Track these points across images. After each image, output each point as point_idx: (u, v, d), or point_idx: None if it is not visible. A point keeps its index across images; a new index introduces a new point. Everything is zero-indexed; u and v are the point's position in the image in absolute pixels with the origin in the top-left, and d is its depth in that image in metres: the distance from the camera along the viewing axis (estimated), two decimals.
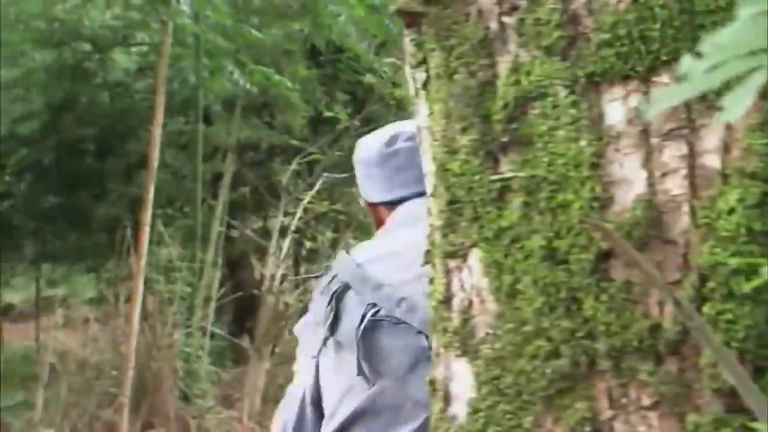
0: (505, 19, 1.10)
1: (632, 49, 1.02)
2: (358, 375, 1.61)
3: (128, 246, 6.71)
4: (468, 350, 1.14)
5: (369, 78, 8.15)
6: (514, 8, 1.09)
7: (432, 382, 1.22)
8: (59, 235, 9.01)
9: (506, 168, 1.10)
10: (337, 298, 1.68)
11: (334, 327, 1.67)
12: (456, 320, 1.16)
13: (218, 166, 8.02)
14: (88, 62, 8.29)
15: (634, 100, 1.02)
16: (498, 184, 1.10)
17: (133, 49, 8.94)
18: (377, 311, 1.63)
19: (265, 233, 8.76)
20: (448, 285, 1.18)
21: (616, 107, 1.04)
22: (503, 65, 1.11)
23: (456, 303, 1.16)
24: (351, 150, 6.89)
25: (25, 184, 8.23)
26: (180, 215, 8.36)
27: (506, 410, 1.09)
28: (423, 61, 1.18)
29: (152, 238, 6.72)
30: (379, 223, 1.87)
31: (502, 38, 1.11)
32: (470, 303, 1.14)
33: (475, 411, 1.13)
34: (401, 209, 1.82)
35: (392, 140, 1.84)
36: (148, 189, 6.45)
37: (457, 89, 1.14)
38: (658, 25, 1.01)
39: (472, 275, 1.14)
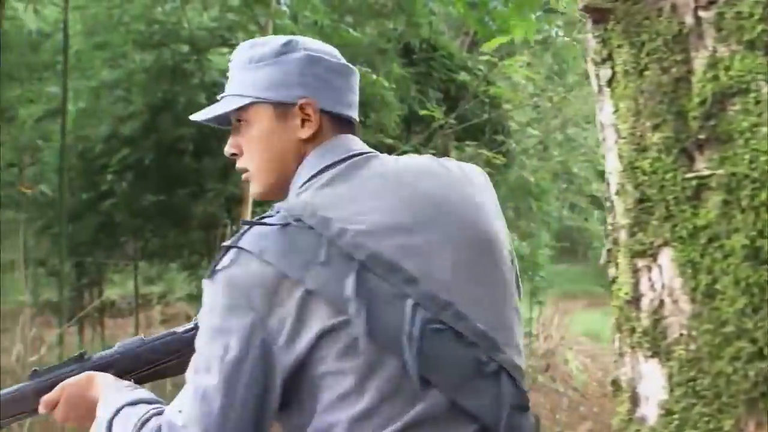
0: (702, 14, 1.08)
1: None
2: (420, 387, 1.42)
3: None
4: (659, 351, 1.12)
5: (463, 75, 8.13)
6: (712, 2, 1.07)
7: (615, 383, 1.20)
8: (157, 233, 9.20)
9: (703, 166, 1.08)
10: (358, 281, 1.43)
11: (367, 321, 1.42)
12: (645, 321, 1.14)
13: None
14: (186, 63, 8.43)
15: None
16: (693, 182, 1.08)
17: (228, 49, 9.09)
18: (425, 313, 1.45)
19: None
20: (635, 285, 1.16)
21: None
22: (699, 61, 1.08)
23: (645, 303, 1.15)
24: (445, 148, 6.82)
25: (127, 183, 8.41)
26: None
27: (703, 413, 1.07)
28: (608, 58, 1.17)
29: None
30: (316, 132, 1.62)
31: (698, 33, 1.09)
32: (661, 303, 1.12)
33: (668, 413, 1.11)
34: (341, 142, 1.63)
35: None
36: (247, 186, 6.55)
37: (648, 86, 1.12)
38: None
39: (663, 275, 1.12)
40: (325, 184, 1.55)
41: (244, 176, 1.66)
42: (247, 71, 1.62)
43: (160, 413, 1.47)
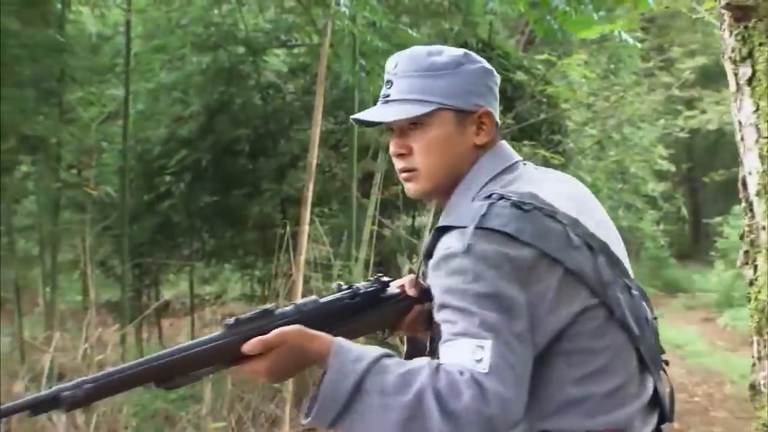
0: None
1: None
2: (645, 373, 1.63)
3: (286, 243, 6.83)
4: None
5: (520, 75, 8.08)
6: None
7: (754, 387, 1.18)
8: (214, 234, 9.27)
9: None
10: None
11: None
12: None
13: (370, 165, 8.08)
14: (242, 65, 8.48)
15: None
16: None
17: (283, 51, 9.14)
18: None
19: (413, 232, 8.79)
20: None
21: None
22: None
23: None
24: None
25: (184, 184, 8.47)
26: (331, 213, 8.48)
27: None
28: (749, 56, 1.15)
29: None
30: (490, 140, 1.75)
31: None
32: None
33: None
34: (507, 148, 1.78)
35: None
36: (307, 187, 6.56)
37: None
38: None
39: None
40: (524, 184, 1.67)
41: (405, 175, 1.75)
42: (428, 78, 1.70)
43: (442, 365, 1.48)
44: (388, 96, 1.73)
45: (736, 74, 1.18)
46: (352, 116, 1.81)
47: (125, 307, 7.57)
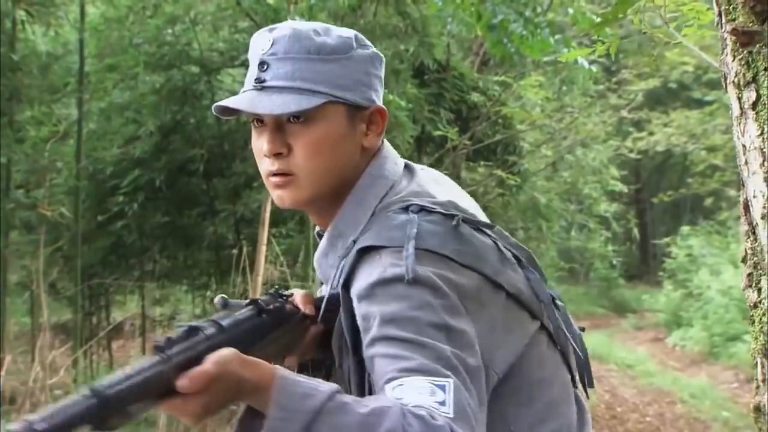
0: None
1: None
2: (575, 387, 1.46)
3: (243, 264, 6.78)
4: None
5: (475, 96, 8.15)
6: None
7: (758, 410, 1.18)
8: (167, 255, 9.16)
9: None
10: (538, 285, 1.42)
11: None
12: None
13: None
14: (196, 84, 8.42)
15: None
16: None
17: (237, 70, 9.09)
18: None
19: None
20: None
21: None
22: None
23: None
24: (456, 168, 6.81)
25: (137, 204, 8.35)
26: (287, 233, 8.44)
27: None
28: (753, 80, 1.16)
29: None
30: (379, 132, 1.46)
31: None
32: None
33: None
34: (392, 149, 1.51)
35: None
36: (264, 208, 6.52)
37: None
38: None
39: None
40: (434, 189, 1.45)
41: (277, 180, 1.43)
42: (316, 63, 1.40)
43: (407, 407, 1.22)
44: (263, 81, 1.39)
45: (740, 98, 1.18)
46: (216, 104, 1.45)
47: (77, 329, 7.42)
